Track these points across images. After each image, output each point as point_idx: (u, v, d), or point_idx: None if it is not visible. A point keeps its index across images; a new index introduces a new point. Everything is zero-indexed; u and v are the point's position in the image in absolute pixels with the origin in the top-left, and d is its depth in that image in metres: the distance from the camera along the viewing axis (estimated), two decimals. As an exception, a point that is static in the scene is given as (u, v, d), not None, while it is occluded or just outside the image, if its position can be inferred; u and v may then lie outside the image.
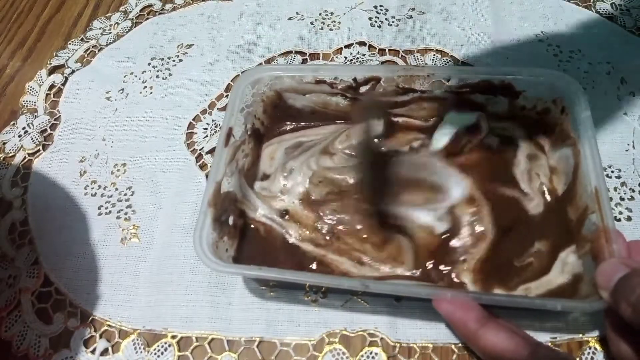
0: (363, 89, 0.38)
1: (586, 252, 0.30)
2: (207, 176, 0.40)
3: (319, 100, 0.39)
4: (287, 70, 0.39)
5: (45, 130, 0.45)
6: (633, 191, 0.36)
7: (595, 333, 0.31)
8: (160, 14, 0.52)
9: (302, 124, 0.40)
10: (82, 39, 0.51)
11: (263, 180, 0.38)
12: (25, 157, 0.43)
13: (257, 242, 0.35)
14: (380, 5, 0.49)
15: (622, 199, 0.36)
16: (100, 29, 0.51)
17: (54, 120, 0.45)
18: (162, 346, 0.33)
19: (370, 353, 0.32)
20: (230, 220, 0.34)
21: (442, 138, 0.37)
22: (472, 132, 0.36)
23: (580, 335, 0.31)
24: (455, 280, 0.32)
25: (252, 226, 0.36)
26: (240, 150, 0.36)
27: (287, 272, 0.31)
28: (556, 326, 0.31)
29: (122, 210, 0.39)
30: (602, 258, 0.28)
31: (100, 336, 0.34)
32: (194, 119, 0.43)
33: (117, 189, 0.40)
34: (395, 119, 0.39)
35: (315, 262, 0.34)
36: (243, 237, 0.35)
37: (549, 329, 0.31)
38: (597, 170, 0.30)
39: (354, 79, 0.37)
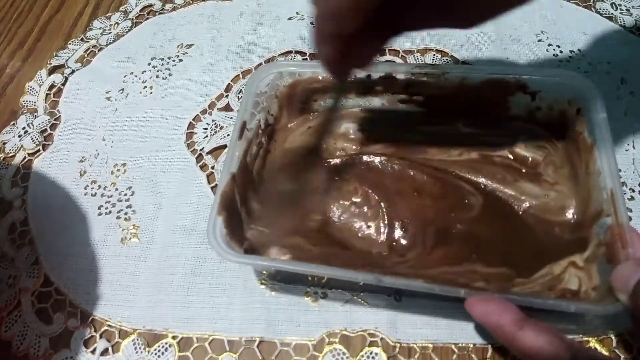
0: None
1: (600, 255, 0.30)
2: (207, 177, 0.40)
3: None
4: (303, 66, 0.38)
5: (45, 130, 0.45)
6: (633, 191, 0.36)
7: (595, 333, 0.31)
8: (160, 14, 0.52)
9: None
10: (82, 39, 0.51)
11: None
12: (25, 157, 0.43)
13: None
14: (380, 5, 0.49)
15: (623, 199, 0.36)
16: (100, 29, 0.51)
17: (54, 120, 0.45)
18: (163, 346, 0.33)
19: (371, 353, 0.32)
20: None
21: None
22: None
23: (581, 336, 0.31)
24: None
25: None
26: (253, 145, 0.36)
27: (299, 264, 0.30)
28: (557, 328, 0.31)
29: (122, 210, 0.39)
30: (619, 261, 0.27)
31: (101, 336, 0.34)
32: (194, 119, 0.43)
33: (117, 189, 0.40)
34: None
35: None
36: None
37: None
38: (613, 173, 0.30)
39: (368, 76, 0.37)
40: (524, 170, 0.36)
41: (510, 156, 0.36)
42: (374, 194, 0.35)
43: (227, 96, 0.45)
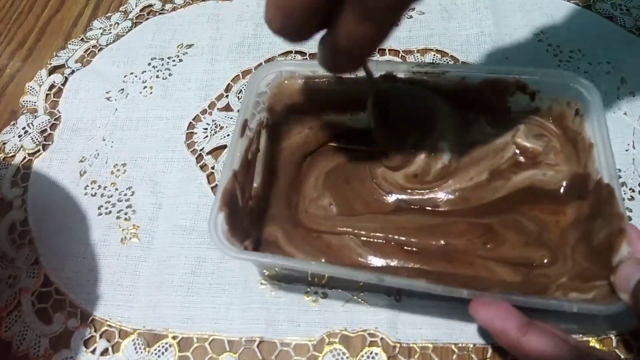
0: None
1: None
2: (207, 177, 0.40)
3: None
4: (304, 65, 0.38)
5: (45, 130, 0.45)
6: (633, 191, 0.36)
7: (596, 333, 0.31)
8: (160, 14, 0.52)
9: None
10: (82, 39, 0.50)
11: None
12: (25, 157, 0.43)
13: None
14: (380, 5, 0.49)
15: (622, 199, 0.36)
16: (100, 29, 0.51)
17: (54, 120, 0.45)
18: (163, 346, 0.33)
19: (371, 353, 0.32)
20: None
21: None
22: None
23: (581, 335, 0.31)
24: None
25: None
26: (254, 144, 0.36)
27: (300, 261, 0.30)
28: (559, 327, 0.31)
29: (122, 210, 0.39)
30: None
31: (101, 336, 0.34)
32: (194, 119, 0.43)
33: (117, 189, 0.40)
34: None
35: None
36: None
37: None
38: (611, 173, 0.30)
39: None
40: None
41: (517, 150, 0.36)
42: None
43: (227, 96, 0.45)
